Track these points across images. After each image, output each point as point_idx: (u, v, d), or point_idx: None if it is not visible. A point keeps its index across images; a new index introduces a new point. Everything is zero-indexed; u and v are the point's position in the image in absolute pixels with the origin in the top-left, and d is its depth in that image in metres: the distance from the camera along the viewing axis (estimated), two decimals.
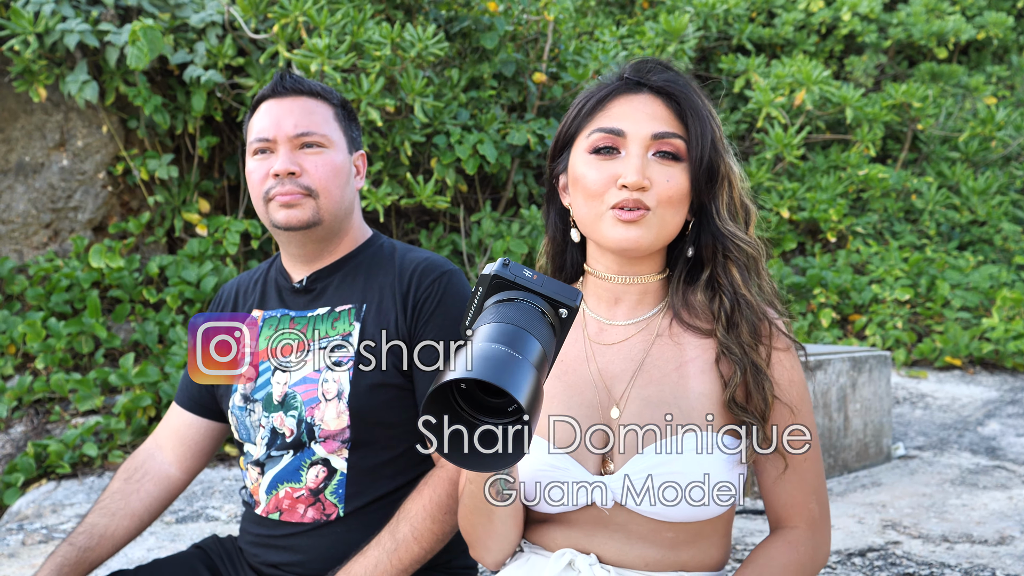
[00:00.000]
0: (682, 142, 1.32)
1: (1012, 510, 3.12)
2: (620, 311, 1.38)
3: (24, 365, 3.94)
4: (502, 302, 1.07)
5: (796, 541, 1.32)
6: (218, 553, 1.78)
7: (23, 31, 3.95)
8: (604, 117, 1.34)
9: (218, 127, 4.60)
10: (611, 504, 1.30)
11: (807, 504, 1.34)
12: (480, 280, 1.10)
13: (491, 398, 1.01)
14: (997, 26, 7.67)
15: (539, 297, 1.08)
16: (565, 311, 1.09)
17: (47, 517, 3.12)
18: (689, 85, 1.35)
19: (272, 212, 1.68)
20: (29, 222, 4.33)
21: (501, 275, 1.09)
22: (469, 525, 1.37)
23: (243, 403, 1.71)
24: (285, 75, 1.71)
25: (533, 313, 1.06)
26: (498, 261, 1.11)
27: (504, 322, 1.02)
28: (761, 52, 7.43)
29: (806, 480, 1.34)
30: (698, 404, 1.31)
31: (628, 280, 1.36)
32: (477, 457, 1.00)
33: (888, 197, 6.32)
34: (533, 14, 4.91)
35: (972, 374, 4.98)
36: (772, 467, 1.34)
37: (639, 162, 1.29)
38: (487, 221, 4.69)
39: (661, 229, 1.31)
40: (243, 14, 4.24)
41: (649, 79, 1.35)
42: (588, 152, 1.33)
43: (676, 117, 1.33)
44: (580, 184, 1.33)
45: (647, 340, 1.35)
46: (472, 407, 1.01)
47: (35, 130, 4.31)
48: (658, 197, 1.29)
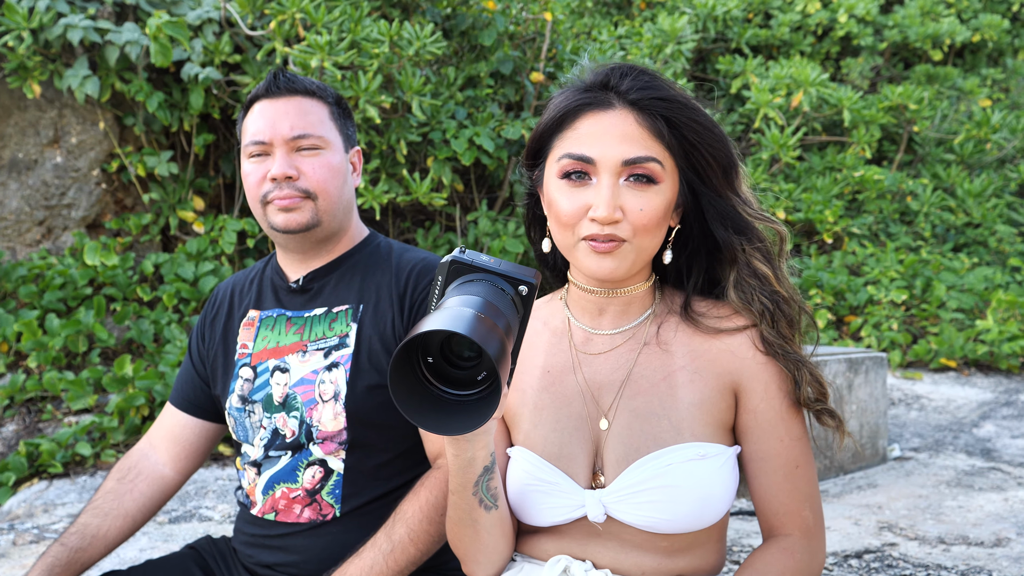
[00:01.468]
0: (657, 165, 1.24)
1: (1008, 512, 3.12)
2: (605, 320, 1.35)
3: (16, 363, 3.92)
4: (465, 283, 1.09)
5: (792, 548, 1.29)
6: (211, 554, 1.77)
7: (17, 27, 3.92)
8: (573, 139, 1.26)
9: (214, 124, 4.58)
10: (603, 519, 1.28)
11: (801, 512, 1.30)
12: (439, 269, 1.12)
13: (459, 369, 1.02)
14: (992, 28, 7.69)
15: (498, 277, 1.11)
16: (525, 288, 1.11)
17: (38, 517, 3.10)
18: (666, 89, 1.26)
19: (270, 215, 1.66)
20: (22, 219, 4.30)
21: (459, 259, 1.11)
22: (457, 539, 1.34)
23: (241, 404, 1.70)
24: (279, 74, 1.69)
25: (494, 289, 1.08)
26: (455, 250, 1.13)
27: (468, 295, 1.04)
28: (758, 54, 7.44)
29: (799, 488, 1.30)
30: (688, 414, 1.28)
31: (611, 293, 1.33)
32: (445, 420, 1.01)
33: (884, 199, 6.33)
34: (533, 12, 4.90)
35: (967, 376, 4.98)
36: (764, 475, 1.30)
37: (608, 193, 1.22)
38: (483, 220, 4.68)
39: (638, 256, 1.26)
40: (240, 11, 4.22)
41: (620, 90, 1.26)
42: (558, 177, 1.26)
43: (652, 134, 1.24)
44: (552, 210, 1.28)
45: (634, 349, 1.32)
46: (439, 380, 1.02)
47: (29, 126, 4.29)
48: (633, 227, 1.23)
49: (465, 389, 1.02)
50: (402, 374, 0.99)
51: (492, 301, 1.04)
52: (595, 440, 1.31)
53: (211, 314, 1.83)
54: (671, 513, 1.25)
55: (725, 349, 1.30)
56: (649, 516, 1.25)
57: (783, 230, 1.34)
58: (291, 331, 1.69)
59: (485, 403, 1.01)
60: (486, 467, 1.26)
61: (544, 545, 1.34)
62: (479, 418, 1.00)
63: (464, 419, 1.01)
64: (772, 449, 1.30)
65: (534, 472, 1.30)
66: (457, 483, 1.27)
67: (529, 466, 1.31)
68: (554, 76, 5.01)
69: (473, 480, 1.26)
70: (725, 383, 1.30)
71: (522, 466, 1.32)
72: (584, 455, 1.30)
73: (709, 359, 1.30)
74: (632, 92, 1.25)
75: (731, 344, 1.30)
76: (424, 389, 1.01)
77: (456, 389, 1.02)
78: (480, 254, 1.12)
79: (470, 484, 1.26)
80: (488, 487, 1.28)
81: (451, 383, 1.02)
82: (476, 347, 1.00)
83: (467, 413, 1.01)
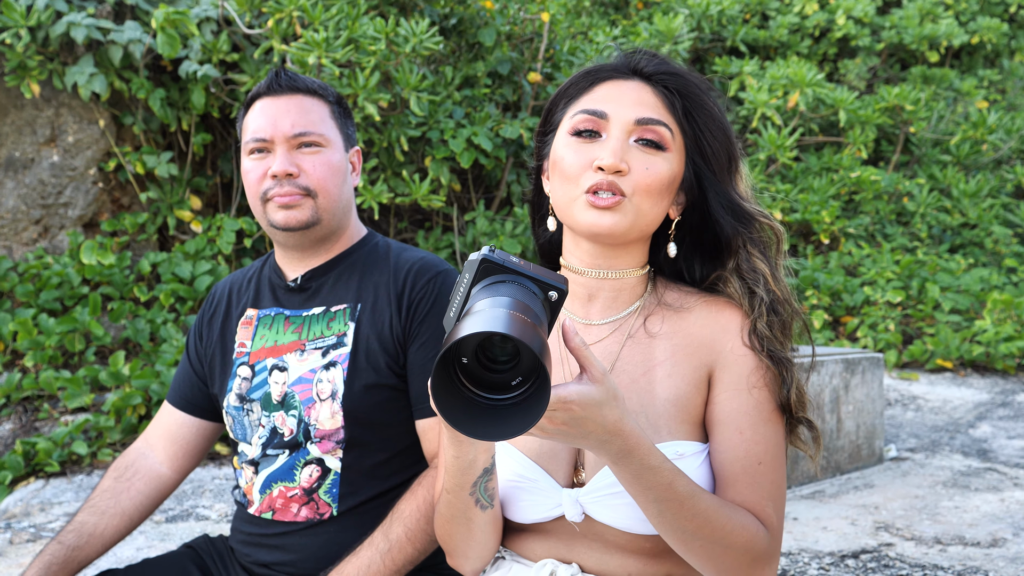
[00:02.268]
0: (666, 130, 1.27)
1: (1004, 512, 3.13)
2: (595, 309, 1.33)
3: (13, 362, 3.91)
4: (493, 284, 1.05)
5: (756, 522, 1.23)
6: (208, 553, 1.77)
7: (15, 24, 3.92)
8: (589, 99, 1.30)
9: (211, 123, 4.58)
10: (580, 518, 1.26)
11: (763, 507, 1.24)
12: (467, 266, 1.08)
13: (494, 373, 0.98)
14: (991, 31, 7.71)
15: (529, 279, 1.07)
16: (555, 293, 1.07)
17: (35, 516, 3.09)
18: (685, 75, 1.30)
19: (270, 213, 1.66)
20: (19, 218, 4.30)
21: (490, 259, 1.07)
22: (446, 534, 1.33)
23: (239, 403, 1.70)
24: (280, 72, 1.69)
25: (526, 291, 1.05)
26: (484, 248, 1.09)
27: (501, 296, 1.00)
28: (755, 54, 7.45)
29: (760, 484, 1.24)
30: (664, 411, 1.26)
31: (603, 275, 1.31)
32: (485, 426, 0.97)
33: (880, 199, 6.34)
34: (531, 12, 4.90)
35: (963, 376, 4.99)
36: (721, 466, 1.25)
37: (617, 145, 1.24)
38: (481, 220, 4.68)
39: (637, 218, 1.26)
40: (238, 9, 4.22)
41: (639, 67, 1.31)
42: (570, 134, 1.29)
43: (666, 107, 1.29)
44: (558, 167, 1.29)
45: (618, 342, 1.31)
46: (475, 384, 0.98)
47: (25, 125, 4.28)
48: (635, 184, 1.24)
49: (501, 393, 0.98)
50: (443, 383, 0.95)
51: (525, 302, 1.01)
52: None
53: (209, 313, 1.83)
54: None
55: (707, 341, 1.28)
56: (626, 517, 1.24)
57: (779, 228, 1.33)
58: (289, 330, 1.69)
59: (528, 406, 0.96)
60: (486, 468, 1.24)
61: (531, 544, 1.33)
62: (525, 421, 0.95)
63: (503, 424, 0.96)
64: (730, 441, 1.25)
65: (516, 469, 1.29)
66: (454, 483, 1.25)
67: (512, 463, 1.30)
68: (551, 76, 5.01)
69: (472, 481, 1.24)
70: (701, 375, 1.28)
71: (505, 462, 1.30)
72: (566, 452, 1.29)
73: (689, 352, 1.28)
74: (650, 67, 1.30)
75: (714, 334, 1.29)
76: (460, 394, 0.97)
77: (492, 393, 0.98)
78: (509, 255, 1.09)
79: (468, 484, 1.25)
80: (486, 488, 1.26)
81: (487, 387, 0.98)
82: (511, 349, 0.96)
83: (505, 418, 0.96)
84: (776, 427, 1.27)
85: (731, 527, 1.17)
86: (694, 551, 1.18)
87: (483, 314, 0.95)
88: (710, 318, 1.30)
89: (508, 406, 0.97)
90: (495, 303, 0.98)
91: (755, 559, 1.19)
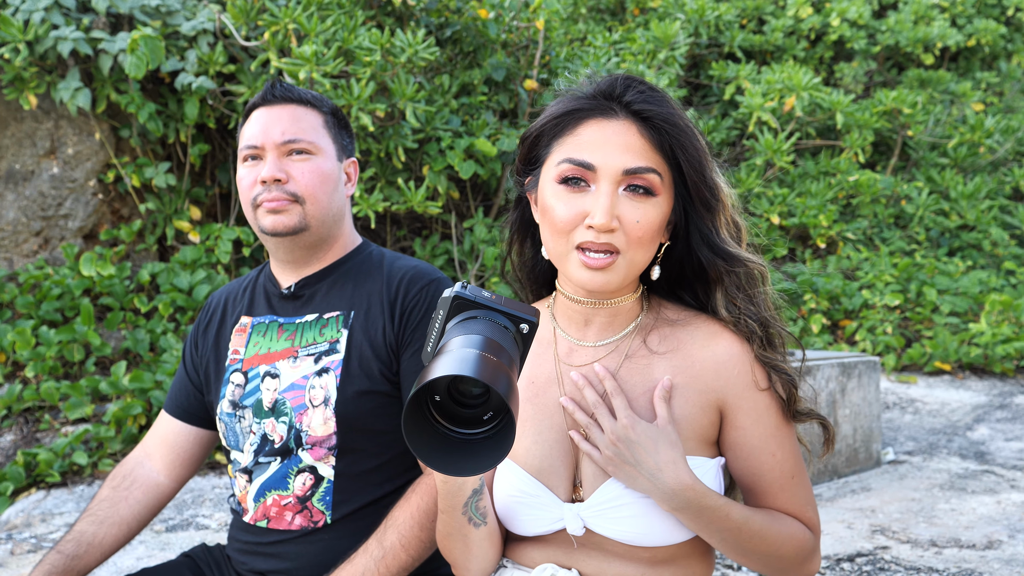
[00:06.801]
0: (656, 176, 1.24)
1: (1000, 515, 3.13)
2: (591, 332, 1.35)
3: (14, 374, 3.93)
4: (466, 320, 1.09)
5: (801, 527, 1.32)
6: (206, 561, 1.78)
7: (13, 39, 3.95)
8: (574, 144, 1.25)
9: (209, 135, 4.61)
10: (581, 532, 1.28)
11: (805, 513, 1.33)
12: (440, 303, 1.11)
13: (465, 408, 1.02)
14: (988, 33, 7.72)
15: (500, 314, 1.11)
16: (526, 326, 1.11)
17: (36, 526, 3.11)
18: (670, 106, 1.26)
19: (260, 218, 1.69)
20: (19, 230, 4.32)
21: (462, 296, 1.11)
22: (446, 549, 1.36)
23: (232, 409, 1.72)
24: (276, 83, 1.73)
25: (497, 327, 1.09)
26: (456, 284, 1.12)
27: (472, 334, 1.04)
28: (751, 59, 7.46)
29: (798, 495, 1.32)
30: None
31: (598, 304, 1.32)
32: (459, 461, 1.01)
33: (878, 203, 6.35)
34: (524, 21, 4.92)
35: (961, 379, 5.00)
36: (760, 490, 1.32)
37: (607, 201, 1.21)
38: (479, 227, 4.70)
39: (630, 269, 1.26)
40: (234, 22, 4.25)
41: (624, 101, 1.26)
42: (557, 182, 1.26)
43: (653, 147, 1.25)
44: (547, 216, 1.27)
45: (616, 362, 1.32)
46: (447, 419, 1.02)
47: (25, 138, 4.31)
48: (628, 238, 1.23)
49: (473, 428, 1.02)
50: (415, 421, 0.99)
51: (495, 339, 1.04)
52: (575, 454, 1.32)
53: (204, 322, 1.85)
54: (647, 527, 1.26)
55: (710, 366, 1.30)
56: (627, 530, 1.26)
57: (764, 270, 1.34)
58: (282, 337, 1.71)
59: (496, 441, 1.00)
60: (475, 490, 1.28)
61: (531, 552, 1.35)
62: (494, 456, 1.00)
63: (474, 458, 1.01)
64: (765, 464, 1.31)
65: (517, 484, 1.31)
66: (446, 504, 1.28)
67: (513, 478, 1.32)
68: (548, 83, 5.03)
69: (462, 503, 1.28)
70: (709, 400, 1.30)
71: (507, 478, 1.33)
72: (565, 468, 1.31)
73: (692, 375, 1.30)
74: (636, 103, 1.25)
75: (717, 361, 1.30)
76: (434, 430, 1.01)
77: (464, 428, 1.02)
78: (482, 290, 1.12)
79: (459, 506, 1.28)
80: (477, 507, 1.29)
81: (459, 422, 1.02)
82: (482, 386, 1.00)
83: (476, 452, 1.01)
84: (793, 437, 1.35)
85: (783, 539, 1.29)
86: (753, 562, 1.31)
87: (453, 355, 0.99)
88: (710, 340, 1.32)
89: (480, 440, 1.01)
90: (466, 342, 1.02)
91: (805, 558, 1.32)
